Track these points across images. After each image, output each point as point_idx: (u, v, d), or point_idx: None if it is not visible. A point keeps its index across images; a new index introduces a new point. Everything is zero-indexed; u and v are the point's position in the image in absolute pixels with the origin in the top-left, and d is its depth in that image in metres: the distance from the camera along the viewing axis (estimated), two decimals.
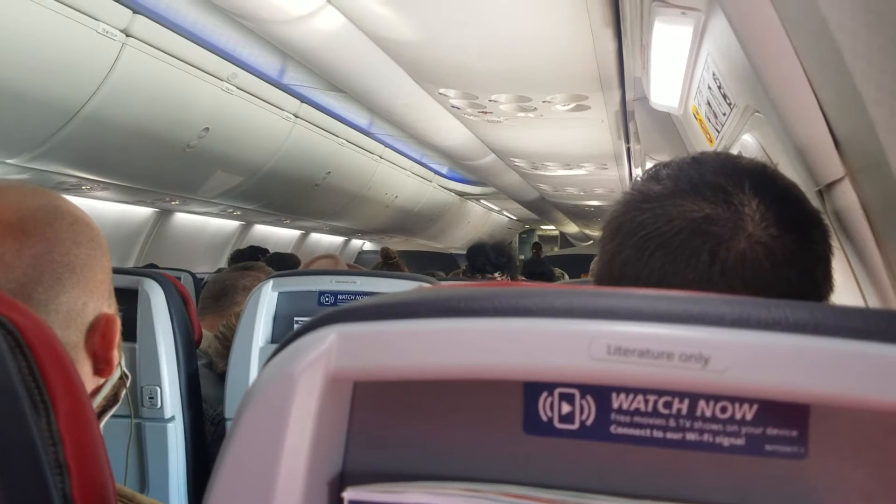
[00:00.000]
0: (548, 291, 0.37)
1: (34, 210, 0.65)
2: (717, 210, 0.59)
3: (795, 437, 0.36)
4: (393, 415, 0.40)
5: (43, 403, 0.45)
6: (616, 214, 0.65)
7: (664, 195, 0.62)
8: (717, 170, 0.62)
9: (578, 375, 0.35)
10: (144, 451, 1.33)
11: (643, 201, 0.63)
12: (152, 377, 1.31)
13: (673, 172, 0.64)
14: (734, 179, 0.61)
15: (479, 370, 0.36)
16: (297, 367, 0.36)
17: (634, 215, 0.62)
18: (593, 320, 0.35)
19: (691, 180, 0.62)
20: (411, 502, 0.36)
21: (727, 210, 0.59)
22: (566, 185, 5.79)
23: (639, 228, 0.61)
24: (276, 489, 0.36)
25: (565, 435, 0.38)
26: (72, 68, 2.49)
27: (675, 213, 0.60)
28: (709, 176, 0.61)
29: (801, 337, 0.33)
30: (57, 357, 0.47)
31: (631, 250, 0.61)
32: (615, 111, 3.20)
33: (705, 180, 0.61)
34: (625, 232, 0.63)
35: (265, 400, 0.37)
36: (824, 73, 0.83)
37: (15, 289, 0.62)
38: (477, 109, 3.23)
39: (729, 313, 0.34)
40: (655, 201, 0.62)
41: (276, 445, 0.36)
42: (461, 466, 0.39)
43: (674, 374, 0.34)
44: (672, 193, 0.61)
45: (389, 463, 0.39)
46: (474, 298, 0.37)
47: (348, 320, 0.37)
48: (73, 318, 0.65)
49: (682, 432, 0.37)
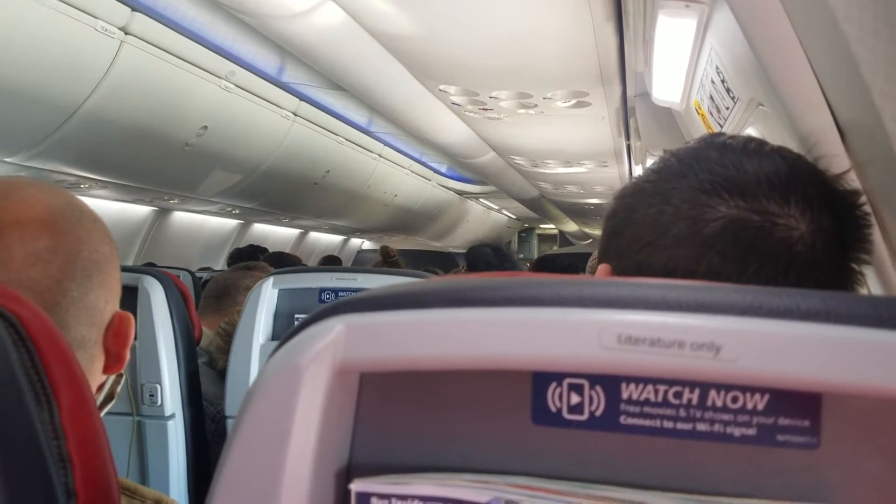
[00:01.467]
0: (556, 281, 0.37)
1: (62, 208, 0.65)
2: (760, 208, 0.57)
3: (808, 426, 0.35)
4: (400, 406, 0.39)
5: (45, 396, 0.45)
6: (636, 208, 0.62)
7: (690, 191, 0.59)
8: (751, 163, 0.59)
9: (589, 365, 0.35)
10: (145, 448, 1.33)
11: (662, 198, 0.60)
12: (152, 375, 1.31)
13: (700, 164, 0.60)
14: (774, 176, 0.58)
15: (487, 360, 0.36)
16: (304, 357, 0.36)
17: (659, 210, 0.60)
18: (603, 309, 0.35)
19: (725, 177, 0.59)
20: (419, 494, 0.36)
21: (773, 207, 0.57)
22: (566, 182, 5.79)
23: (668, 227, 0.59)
24: (284, 480, 0.35)
25: (574, 426, 0.37)
26: (70, 66, 2.49)
27: (713, 214, 0.57)
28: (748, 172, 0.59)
29: (814, 325, 0.33)
30: (59, 350, 0.47)
31: (685, 249, 0.58)
32: (616, 107, 3.20)
33: (745, 178, 0.58)
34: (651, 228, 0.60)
35: (272, 391, 0.36)
36: (830, 65, 0.83)
37: (52, 285, 0.62)
38: (477, 106, 3.22)
39: (740, 301, 0.34)
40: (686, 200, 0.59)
41: (283, 437, 0.35)
42: (469, 458, 0.38)
43: (685, 364, 0.33)
44: (703, 190, 0.58)
45: (397, 454, 0.39)
46: (483, 288, 0.37)
47: (356, 310, 0.37)
48: (96, 315, 0.66)
49: (693, 422, 0.36)
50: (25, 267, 0.60)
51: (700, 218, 0.57)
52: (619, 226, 0.63)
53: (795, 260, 0.56)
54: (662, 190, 0.61)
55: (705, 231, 0.57)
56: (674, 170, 0.61)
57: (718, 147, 0.62)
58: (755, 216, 0.56)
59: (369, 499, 0.36)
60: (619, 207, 0.64)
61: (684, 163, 0.61)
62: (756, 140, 0.62)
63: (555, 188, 6.21)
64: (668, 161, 0.63)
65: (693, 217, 0.58)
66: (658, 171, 0.63)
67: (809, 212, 0.57)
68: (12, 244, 0.60)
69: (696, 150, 0.62)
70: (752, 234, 0.56)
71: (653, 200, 0.61)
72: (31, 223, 0.62)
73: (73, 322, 0.63)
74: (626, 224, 0.63)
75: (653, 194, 0.61)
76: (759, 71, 0.96)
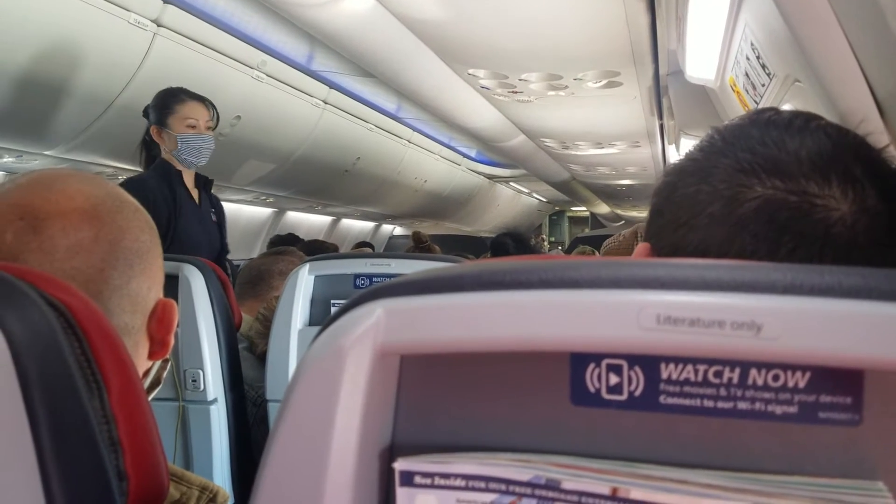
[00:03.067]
0: (594, 262, 0.37)
1: (103, 198, 0.67)
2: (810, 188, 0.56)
3: (849, 403, 0.35)
4: (441, 387, 0.40)
5: (96, 383, 0.47)
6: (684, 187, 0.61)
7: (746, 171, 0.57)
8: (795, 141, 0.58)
9: (628, 346, 0.35)
10: (188, 433, 1.36)
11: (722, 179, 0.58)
12: (195, 361, 1.34)
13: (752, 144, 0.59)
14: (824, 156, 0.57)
15: (525, 342, 0.36)
16: (347, 341, 0.37)
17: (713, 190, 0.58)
18: (642, 290, 0.35)
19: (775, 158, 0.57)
20: (461, 472, 0.37)
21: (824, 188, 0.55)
22: (597, 164, 5.74)
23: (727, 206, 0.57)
24: (330, 460, 0.36)
25: (613, 406, 0.38)
26: (105, 59, 2.53)
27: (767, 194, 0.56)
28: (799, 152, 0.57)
29: (855, 302, 0.33)
30: (108, 337, 0.48)
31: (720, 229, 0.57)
32: (648, 87, 3.15)
33: (797, 157, 0.57)
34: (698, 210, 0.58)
35: (316, 374, 0.37)
36: (867, 39, 0.81)
37: (95, 274, 0.63)
38: (507, 89, 3.20)
39: (781, 280, 0.34)
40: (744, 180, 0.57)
41: (329, 418, 0.36)
42: (509, 438, 0.39)
43: (726, 343, 0.33)
44: (755, 169, 0.57)
45: (438, 435, 0.40)
46: (520, 271, 0.37)
47: (394, 295, 0.38)
48: (139, 302, 0.67)
49: (734, 401, 0.36)
50: (69, 257, 0.62)
51: (736, 198, 0.56)
52: (661, 204, 0.63)
53: (832, 241, 0.54)
54: (703, 168, 0.60)
55: (740, 211, 0.56)
56: (716, 147, 0.60)
57: (762, 124, 0.60)
58: (792, 196, 0.55)
59: (413, 477, 0.37)
60: (662, 185, 0.63)
61: (727, 141, 0.60)
62: (803, 115, 0.60)
63: (586, 170, 6.16)
64: (713, 138, 0.62)
65: (729, 197, 0.57)
66: (702, 148, 0.62)
67: (852, 192, 0.55)
68: (55, 235, 0.62)
69: (739, 128, 0.61)
70: (788, 215, 0.55)
71: (692, 179, 0.60)
72: (74, 214, 0.63)
73: (116, 310, 0.64)
74: (666, 203, 0.62)
75: (693, 173, 0.60)
76: (794, 46, 0.94)
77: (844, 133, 0.59)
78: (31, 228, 0.62)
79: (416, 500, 0.37)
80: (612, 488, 0.35)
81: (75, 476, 0.43)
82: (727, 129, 0.62)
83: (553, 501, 0.36)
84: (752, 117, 0.62)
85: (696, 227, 0.58)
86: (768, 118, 0.61)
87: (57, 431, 0.42)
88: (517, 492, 0.36)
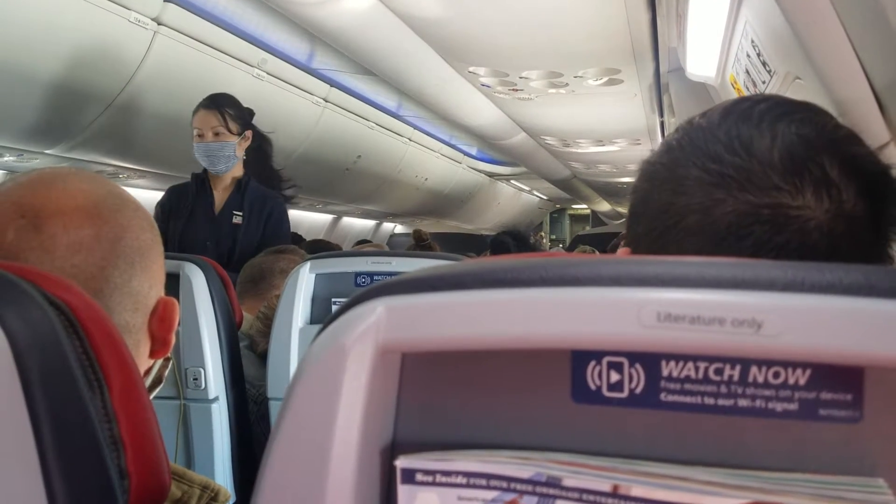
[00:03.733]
0: (594, 260, 0.37)
1: (104, 197, 0.67)
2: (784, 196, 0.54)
3: (850, 400, 0.35)
4: (442, 385, 0.40)
5: (97, 381, 0.47)
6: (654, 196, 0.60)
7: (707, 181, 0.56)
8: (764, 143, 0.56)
9: (628, 343, 0.35)
10: (190, 431, 1.36)
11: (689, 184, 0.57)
12: (196, 359, 1.34)
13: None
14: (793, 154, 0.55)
15: (526, 340, 0.36)
16: (348, 339, 0.37)
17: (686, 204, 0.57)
18: (642, 288, 0.35)
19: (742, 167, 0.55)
20: (462, 469, 0.37)
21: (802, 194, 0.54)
22: (598, 161, 5.74)
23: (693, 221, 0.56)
24: (332, 458, 0.36)
25: (614, 403, 0.38)
26: (106, 58, 2.52)
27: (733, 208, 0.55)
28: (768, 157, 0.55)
29: (856, 299, 0.33)
30: (109, 335, 0.48)
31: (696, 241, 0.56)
32: (649, 84, 3.15)
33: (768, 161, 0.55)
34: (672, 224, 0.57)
35: (318, 372, 0.37)
36: (868, 36, 0.81)
37: (96, 272, 0.64)
38: (507, 87, 3.20)
39: (781, 277, 0.34)
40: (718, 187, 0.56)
41: (330, 415, 0.36)
42: (510, 435, 0.39)
43: (726, 340, 0.33)
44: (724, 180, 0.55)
45: (439, 433, 0.40)
46: (521, 269, 0.37)
47: (396, 293, 0.38)
48: (140, 301, 0.67)
49: (734, 399, 0.36)
50: (69, 255, 0.62)
51: (708, 212, 0.55)
52: (637, 208, 0.62)
53: (811, 250, 0.54)
54: (674, 178, 0.58)
55: (714, 227, 0.55)
56: (686, 152, 0.59)
57: (731, 120, 0.58)
58: (765, 210, 0.54)
59: (414, 475, 0.37)
60: (638, 188, 0.63)
61: (695, 144, 0.58)
62: (776, 107, 0.58)
63: (586, 168, 6.15)
64: (682, 140, 0.60)
65: (702, 211, 0.56)
66: (671, 150, 0.60)
67: (827, 196, 0.54)
68: (56, 233, 0.62)
69: (706, 129, 0.59)
70: (762, 230, 0.54)
71: (664, 188, 0.59)
72: (74, 212, 0.63)
73: (117, 308, 0.64)
74: (642, 207, 0.61)
75: (665, 181, 0.59)
76: (795, 43, 0.94)
77: (821, 127, 0.57)
78: (33, 227, 0.62)
79: (418, 498, 0.37)
80: (613, 485, 0.35)
81: (77, 474, 0.43)
82: (695, 129, 0.60)
83: (554, 499, 0.36)
84: (724, 110, 0.60)
85: (670, 242, 0.57)
86: (740, 112, 0.59)
87: (58, 430, 0.42)
88: (518, 489, 0.36)
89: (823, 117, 0.59)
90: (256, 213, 2.47)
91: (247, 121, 2.50)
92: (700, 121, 0.61)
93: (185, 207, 2.44)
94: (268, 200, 2.51)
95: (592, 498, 0.35)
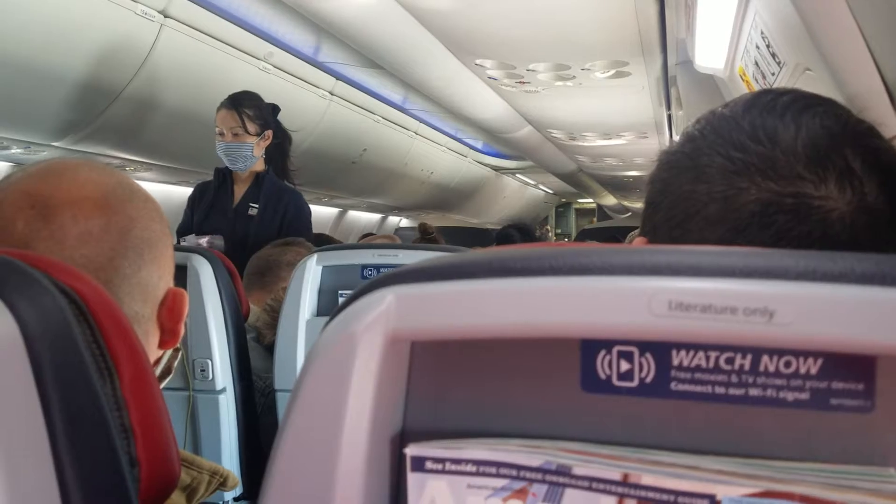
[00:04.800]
0: (605, 250, 0.37)
1: (113, 187, 0.67)
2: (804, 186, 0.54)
3: (861, 390, 0.35)
4: (451, 374, 0.40)
5: (108, 369, 0.47)
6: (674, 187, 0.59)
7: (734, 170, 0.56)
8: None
9: (639, 332, 0.35)
10: (197, 422, 1.37)
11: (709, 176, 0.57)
12: (203, 350, 1.34)
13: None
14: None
15: (536, 328, 0.36)
16: (358, 327, 0.37)
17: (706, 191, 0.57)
18: (653, 277, 0.35)
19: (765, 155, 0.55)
20: (472, 458, 0.37)
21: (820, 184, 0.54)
22: (605, 155, 5.72)
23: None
24: (341, 446, 0.36)
25: (624, 392, 0.38)
26: (113, 50, 2.53)
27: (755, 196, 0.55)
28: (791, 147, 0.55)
29: (868, 288, 0.32)
30: (119, 324, 0.48)
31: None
32: (656, 77, 3.14)
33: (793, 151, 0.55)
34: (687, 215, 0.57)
35: (328, 360, 0.37)
36: (878, 26, 0.80)
37: (105, 262, 0.64)
38: (514, 80, 3.19)
39: (794, 266, 0.34)
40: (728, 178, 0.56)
41: (340, 403, 0.36)
42: (520, 424, 0.39)
43: (738, 329, 0.33)
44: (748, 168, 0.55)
45: (448, 422, 0.40)
46: (530, 258, 0.37)
47: (405, 282, 0.38)
48: (149, 291, 0.67)
49: (745, 388, 0.36)
50: (79, 245, 0.62)
51: (730, 201, 0.55)
52: (655, 198, 0.62)
53: (832, 241, 0.53)
54: (696, 167, 0.58)
55: (735, 216, 0.55)
56: (708, 141, 0.59)
57: (755, 112, 0.58)
58: (788, 199, 0.54)
59: (424, 462, 0.37)
60: (656, 179, 0.62)
61: (719, 133, 0.58)
62: (801, 100, 0.59)
63: (593, 161, 6.14)
64: (704, 130, 0.60)
65: (724, 199, 0.56)
66: (693, 139, 0.60)
67: (850, 188, 0.54)
68: (66, 223, 0.62)
69: (731, 118, 0.59)
70: (785, 219, 0.54)
71: (686, 177, 0.59)
72: (84, 202, 0.64)
73: (126, 298, 0.64)
74: (661, 197, 0.61)
75: (686, 169, 0.59)
76: (805, 34, 0.93)
77: (844, 120, 0.57)
78: (42, 217, 0.62)
79: (427, 486, 0.37)
80: (623, 474, 0.35)
81: (88, 462, 0.43)
82: (718, 119, 0.60)
83: (564, 487, 0.36)
84: (747, 102, 0.60)
85: (691, 230, 0.57)
86: (764, 104, 0.59)
87: (70, 418, 0.42)
88: (528, 477, 0.36)
89: (844, 111, 0.59)
90: (272, 205, 2.50)
91: (267, 120, 2.50)
92: (723, 111, 0.61)
93: (206, 201, 2.51)
94: (284, 193, 2.54)
95: (602, 486, 0.35)
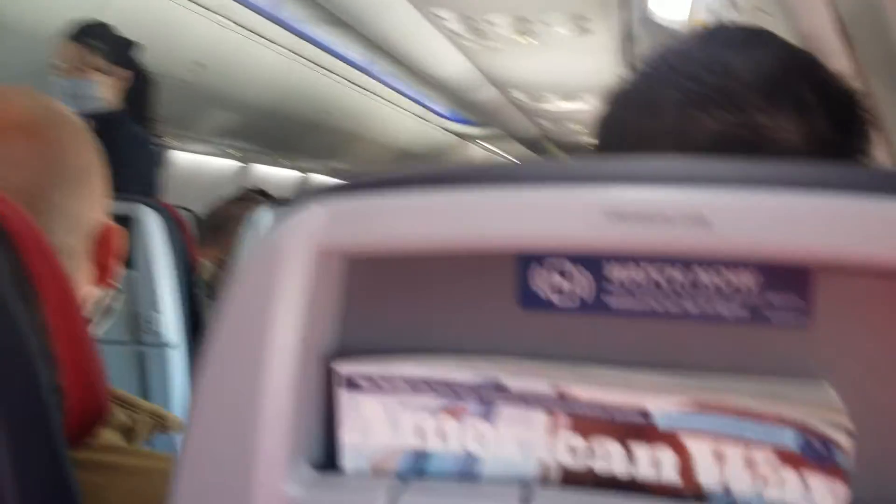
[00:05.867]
0: (541, 161, 0.36)
1: (43, 112, 0.64)
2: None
3: (799, 304, 0.35)
4: (389, 292, 0.39)
5: (32, 293, 0.45)
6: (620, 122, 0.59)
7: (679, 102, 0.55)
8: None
9: (575, 244, 0.34)
10: (147, 376, 1.34)
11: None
12: (151, 303, 1.31)
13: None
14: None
15: (470, 241, 0.35)
16: (285, 241, 0.35)
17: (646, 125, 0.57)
18: (588, 185, 0.34)
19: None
20: (403, 375, 0.36)
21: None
22: (567, 120, 5.73)
23: None
24: (267, 362, 0.35)
25: (560, 308, 0.37)
26: None
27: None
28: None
29: (807, 195, 0.32)
30: (42, 249, 0.46)
31: None
32: (620, 38, 3.13)
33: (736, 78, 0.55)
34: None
35: (254, 274, 0.36)
36: None
37: (32, 189, 0.61)
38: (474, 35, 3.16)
39: (731, 173, 0.33)
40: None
41: (265, 318, 0.35)
42: (457, 342, 0.38)
43: (675, 238, 0.32)
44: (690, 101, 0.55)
45: (385, 341, 0.39)
46: (465, 169, 0.35)
47: (335, 195, 0.36)
48: (80, 223, 0.65)
49: (682, 303, 0.36)
50: (2, 169, 0.59)
51: (686, 133, 0.55)
52: (604, 135, 0.61)
53: None
54: (649, 101, 0.57)
55: (691, 147, 0.54)
56: (662, 74, 0.58)
57: (707, 43, 0.58)
58: (742, 129, 0.54)
59: (355, 380, 0.36)
60: (608, 115, 0.62)
61: (673, 66, 0.58)
62: (752, 31, 0.59)
63: (555, 126, 6.15)
64: (657, 63, 0.59)
65: (679, 132, 0.55)
66: (646, 75, 0.60)
67: (801, 118, 0.54)
68: None
69: (686, 51, 0.59)
70: (740, 150, 0.54)
71: (637, 112, 0.58)
72: (10, 128, 0.61)
73: (54, 227, 0.62)
74: (613, 135, 0.60)
75: (639, 105, 0.58)
76: None
77: (795, 52, 0.58)
78: None
79: (359, 404, 0.36)
80: (557, 390, 0.34)
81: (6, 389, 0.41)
82: (673, 52, 0.59)
83: (498, 404, 0.35)
84: (702, 36, 0.60)
85: None
86: (718, 37, 0.59)
87: None
88: (462, 394, 0.35)
89: (793, 46, 0.59)
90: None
91: (123, 56, 1.99)
92: (678, 46, 0.60)
93: None
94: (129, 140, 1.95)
95: (536, 401, 0.35)
